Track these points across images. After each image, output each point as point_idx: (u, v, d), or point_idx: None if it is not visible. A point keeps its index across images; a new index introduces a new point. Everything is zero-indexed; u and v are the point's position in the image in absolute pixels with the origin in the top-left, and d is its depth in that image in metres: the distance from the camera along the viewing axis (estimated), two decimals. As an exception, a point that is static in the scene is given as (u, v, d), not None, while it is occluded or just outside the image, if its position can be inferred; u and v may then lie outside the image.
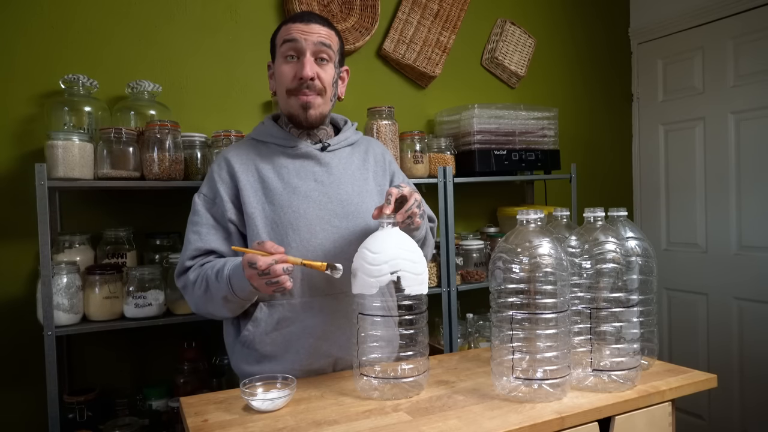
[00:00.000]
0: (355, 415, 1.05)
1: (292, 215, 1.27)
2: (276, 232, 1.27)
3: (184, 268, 1.29)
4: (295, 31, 1.27)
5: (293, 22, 1.29)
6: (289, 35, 1.28)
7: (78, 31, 1.86)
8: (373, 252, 1.11)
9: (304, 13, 1.32)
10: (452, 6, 2.44)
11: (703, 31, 2.69)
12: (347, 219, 1.31)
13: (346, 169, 1.36)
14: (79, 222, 1.84)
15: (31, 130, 1.79)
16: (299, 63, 1.28)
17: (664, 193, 2.93)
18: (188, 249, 1.28)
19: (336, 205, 1.31)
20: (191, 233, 1.29)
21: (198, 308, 1.30)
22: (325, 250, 1.27)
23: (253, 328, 1.28)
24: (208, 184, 1.33)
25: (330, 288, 1.29)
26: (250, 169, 1.31)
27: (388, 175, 1.46)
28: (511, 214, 2.41)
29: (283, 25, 1.32)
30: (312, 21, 1.29)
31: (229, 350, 1.37)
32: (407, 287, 1.11)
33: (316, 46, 1.28)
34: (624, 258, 1.16)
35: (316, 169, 1.33)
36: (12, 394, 1.76)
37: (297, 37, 1.27)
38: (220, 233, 1.29)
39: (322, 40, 1.28)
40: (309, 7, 2.12)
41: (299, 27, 1.28)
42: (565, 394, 1.11)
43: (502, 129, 2.29)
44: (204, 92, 2.04)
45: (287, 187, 1.29)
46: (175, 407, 1.74)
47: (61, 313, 1.56)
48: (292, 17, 1.31)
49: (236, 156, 1.33)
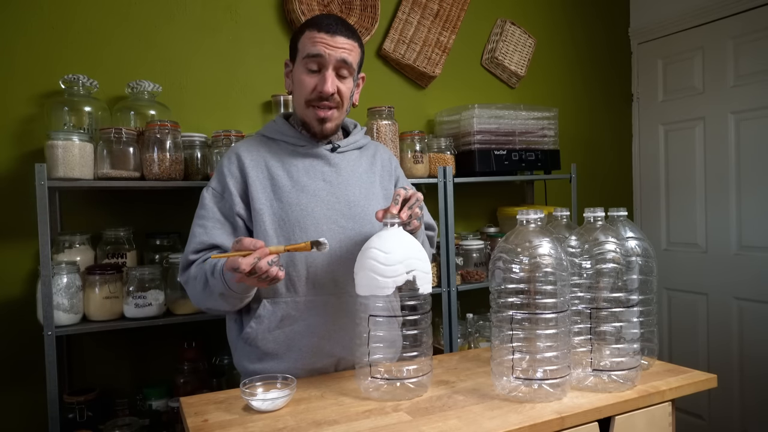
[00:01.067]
0: (355, 415, 1.05)
1: (300, 213, 1.28)
2: (283, 229, 1.27)
3: (188, 261, 1.28)
4: (320, 44, 1.25)
5: (318, 31, 1.26)
6: (314, 49, 1.25)
7: (78, 31, 1.86)
8: (385, 252, 1.10)
9: (330, 21, 1.28)
10: (452, 6, 2.44)
11: (703, 31, 2.69)
12: (354, 220, 1.31)
13: (354, 171, 1.37)
14: (79, 222, 1.84)
15: (31, 130, 1.79)
16: (321, 76, 1.27)
17: (664, 193, 2.93)
18: (192, 242, 1.28)
19: (343, 205, 1.32)
20: (197, 226, 1.29)
21: (198, 303, 1.30)
22: (330, 249, 1.27)
23: (256, 325, 1.28)
24: (217, 178, 1.33)
25: (334, 287, 1.29)
26: (259, 165, 1.31)
27: (393, 179, 1.48)
28: (511, 214, 2.41)
29: (307, 29, 1.28)
30: (338, 33, 1.26)
31: (232, 347, 1.37)
32: (420, 286, 1.12)
33: (338, 62, 1.27)
34: (624, 258, 1.16)
35: (325, 169, 1.34)
36: (12, 394, 1.76)
37: (321, 52, 1.25)
38: (227, 228, 1.29)
39: (345, 57, 1.27)
40: (309, 8, 2.12)
41: (324, 39, 1.25)
42: (565, 394, 1.11)
43: (502, 129, 2.29)
44: (204, 92, 2.04)
45: (296, 185, 1.30)
46: (175, 407, 1.74)
47: (61, 313, 1.56)
48: (317, 23, 1.28)
49: (246, 152, 1.33)
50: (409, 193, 1.20)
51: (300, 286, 1.28)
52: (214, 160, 1.77)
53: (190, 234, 1.30)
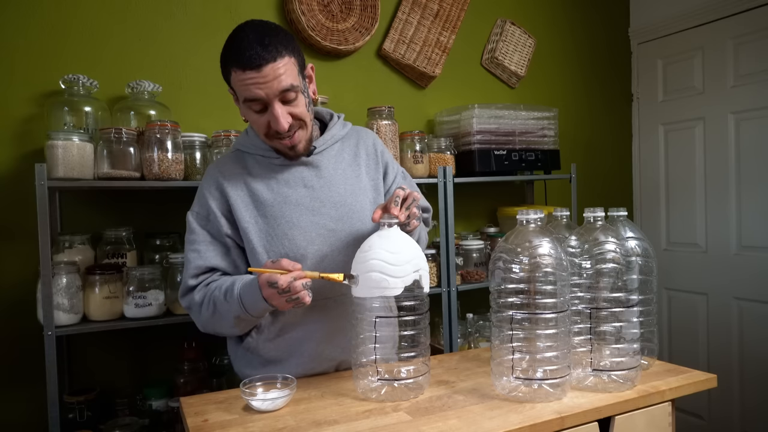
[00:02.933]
0: (355, 415, 1.05)
1: (286, 225, 1.25)
2: (272, 244, 1.25)
3: (188, 287, 1.27)
4: (252, 86, 1.14)
5: (243, 70, 1.13)
6: (248, 93, 1.15)
7: (78, 31, 1.86)
8: (392, 252, 1.10)
9: (250, 53, 1.12)
10: (452, 6, 2.44)
11: (703, 31, 2.69)
12: (342, 221, 1.29)
13: (336, 168, 1.33)
14: (79, 222, 1.84)
15: (31, 130, 1.78)
16: (270, 114, 1.18)
17: (664, 193, 2.93)
18: (189, 268, 1.26)
19: (329, 208, 1.29)
20: (190, 252, 1.27)
21: (205, 328, 1.28)
22: (322, 254, 1.26)
23: (256, 335, 1.28)
24: (199, 201, 1.30)
25: (331, 291, 1.28)
26: (238, 183, 1.28)
27: (381, 167, 1.41)
28: (511, 214, 2.41)
29: (232, 69, 1.16)
30: (263, 62, 1.12)
31: (232, 355, 1.37)
32: (425, 285, 1.13)
33: (280, 93, 1.16)
34: (624, 258, 1.16)
35: (305, 174, 1.30)
36: (12, 394, 1.76)
37: (257, 96, 1.15)
38: (219, 248, 1.27)
39: (283, 86, 1.15)
40: (309, 8, 2.11)
41: (253, 78, 1.13)
42: (565, 394, 1.11)
43: (502, 129, 2.28)
44: (204, 92, 2.04)
45: (278, 197, 1.27)
46: (175, 407, 1.74)
47: (61, 313, 1.56)
48: (238, 60, 1.13)
49: (224, 172, 1.29)
50: (407, 193, 1.19)
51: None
52: (214, 160, 1.77)
53: (185, 260, 1.28)
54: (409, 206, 1.19)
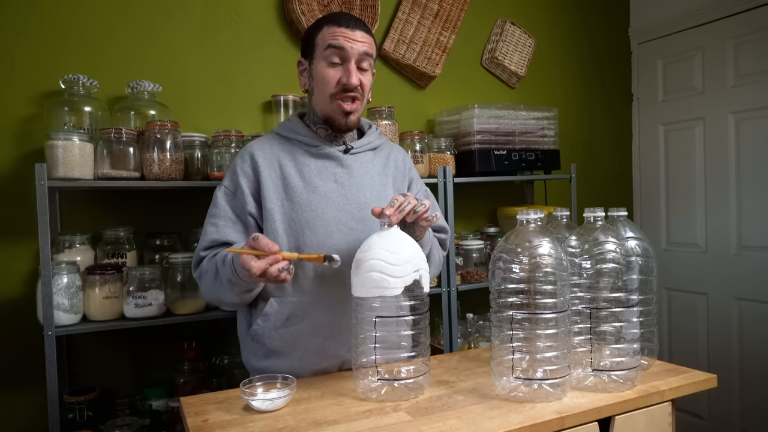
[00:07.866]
0: (355, 415, 1.05)
1: (311, 214, 1.28)
2: (293, 229, 1.28)
3: (199, 258, 1.31)
4: (342, 38, 1.27)
5: (338, 26, 1.28)
6: (336, 41, 1.27)
7: (78, 31, 1.86)
8: (392, 251, 1.09)
9: (348, 17, 1.31)
10: (452, 6, 2.44)
11: (703, 31, 2.69)
12: (363, 222, 1.31)
13: (366, 172, 1.37)
14: (79, 222, 1.84)
15: (31, 130, 1.79)
16: (344, 69, 1.28)
17: (664, 193, 2.93)
18: (204, 240, 1.30)
19: (354, 207, 1.32)
20: (209, 224, 1.31)
21: (209, 296, 1.31)
22: (339, 250, 1.27)
23: (262, 323, 1.29)
24: (230, 176, 1.34)
25: (341, 289, 1.28)
26: (273, 164, 1.32)
27: (407, 181, 1.47)
28: (511, 214, 2.41)
29: (325, 25, 1.30)
30: (357, 27, 1.29)
31: (241, 344, 1.39)
32: (425, 285, 1.13)
33: (360, 55, 1.29)
34: (624, 258, 1.16)
35: (337, 170, 1.34)
36: (12, 394, 1.76)
37: (344, 45, 1.27)
38: (238, 226, 1.30)
39: (366, 50, 1.29)
40: (309, 8, 2.12)
41: (345, 33, 1.27)
42: (565, 394, 1.11)
43: (502, 129, 2.29)
44: (204, 92, 2.04)
45: (308, 185, 1.30)
46: (175, 407, 1.74)
47: (61, 313, 1.56)
48: (335, 19, 1.30)
49: (260, 150, 1.34)
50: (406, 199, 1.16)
51: (307, 286, 1.28)
52: (214, 160, 1.77)
53: (202, 231, 1.32)
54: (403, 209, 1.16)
